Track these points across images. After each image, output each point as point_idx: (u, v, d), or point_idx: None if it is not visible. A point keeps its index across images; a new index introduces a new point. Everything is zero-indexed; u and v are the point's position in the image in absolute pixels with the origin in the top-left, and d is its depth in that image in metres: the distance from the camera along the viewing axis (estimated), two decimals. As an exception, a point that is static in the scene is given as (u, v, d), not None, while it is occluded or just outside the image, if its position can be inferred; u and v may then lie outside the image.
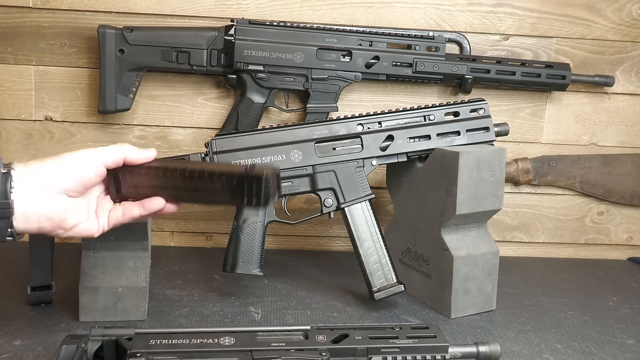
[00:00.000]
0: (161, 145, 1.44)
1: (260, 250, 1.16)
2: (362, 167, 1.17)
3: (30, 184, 0.81)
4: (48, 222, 0.82)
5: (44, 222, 0.82)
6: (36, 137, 1.42)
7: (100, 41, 1.31)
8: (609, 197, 1.52)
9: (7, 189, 0.79)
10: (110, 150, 0.88)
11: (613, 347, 1.05)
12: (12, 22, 1.37)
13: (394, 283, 1.15)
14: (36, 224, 0.82)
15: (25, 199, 0.80)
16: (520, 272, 1.40)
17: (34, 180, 0.81)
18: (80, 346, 0.79)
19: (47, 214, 0.82)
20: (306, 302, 1.18)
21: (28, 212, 0.81)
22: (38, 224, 0.82)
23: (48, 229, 0.83)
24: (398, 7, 1.42)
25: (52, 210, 0.82)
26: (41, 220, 0.82)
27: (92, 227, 0.87)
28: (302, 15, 1.41)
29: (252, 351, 0.79)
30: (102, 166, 0.87)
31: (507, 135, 1.23)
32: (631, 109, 1.50)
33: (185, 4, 1.39)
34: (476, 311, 1.16)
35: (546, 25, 1.45)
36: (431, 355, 0.83)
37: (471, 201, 1.11)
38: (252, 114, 1.35)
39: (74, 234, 0.86)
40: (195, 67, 1.33)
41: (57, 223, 0.83)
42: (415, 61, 1.36)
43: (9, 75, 1.39)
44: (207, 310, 1.13)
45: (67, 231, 0.85)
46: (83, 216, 0.86)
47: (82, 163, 0.85)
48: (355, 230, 1.16)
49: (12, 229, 0.80)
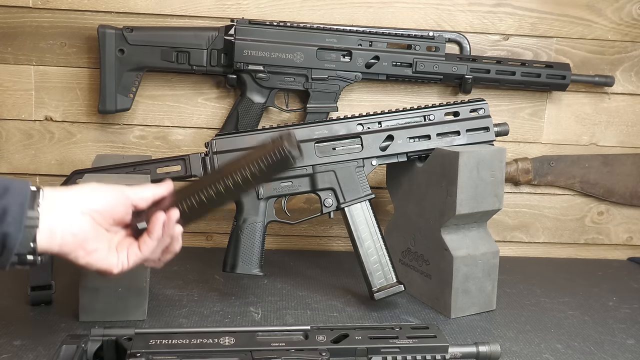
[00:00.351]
0: (161, 145, 1.44)
1: (260, 250, 1.16)
2: (362, 167, 1.17)
3: (58, 202, 0.82)
4: (71, 237, 0.81)
5: (67, 237, 0.81)
6: (36, 137, 1.42)
7: (100, 41, 1.31)
8: (609, 197, 1.52)
9: (35, 202, 0.79)
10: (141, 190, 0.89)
11: (613, 347, 1.05)
12: (12, 22, 1.37)
13: (394, 283, 1.15)
14: (59, 240, 0.81)
15: (51, 213, 0.80)
16: (520, 272, 1.40)
17: (62, 198, 0.82)
18: (80, 346, 0.79)
19: (71, 229, 0.81)
20: (306, 302, 1.18)
21: (53, 227, 0.80)
22: (61, 239, 0.81)
23: (70, 246, 0.82)
24: (398, 7, 1.42)
25: (76, 226, 0.82)
26: (65, 236, 0.81)
27: (111, 260, 0.86)
28: (302, 15, 1.41)
29: (252, 351, 0.79)
30: (129, 200, 0.88)
31: (507, 135, 1.23)
32: (631, 109, 1.50)
33: (185, 4, 1.39)
34: (476, 311, 1.16)
35: (546, 25, 1.45)
36: (431, 355, 0.83)
37: (471, 201, 1.11)
38: (252, 114, 1.35)
39: (94, 262, 0.84)
40: (195, 67, 1.33)
41: (79, 241, 0.82)
42: (415, 61, 1.36)
43: (9, 75, 1.39)
44: (207, 310, 1.13)
45: (87, 255, 0.83)
46: (104, 245, 0.85)
47: (112, 194, 0.87)
48: (355, 230, 1.16)
49: (34, 244, 0.79)
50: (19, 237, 0.77)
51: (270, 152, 0.86)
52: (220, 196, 0.88)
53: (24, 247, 0.78)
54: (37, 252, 0.79)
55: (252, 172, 0.87)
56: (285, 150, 0.85)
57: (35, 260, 0.80)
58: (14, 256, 0.78)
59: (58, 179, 1.36)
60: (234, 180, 0.87)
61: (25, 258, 0.79)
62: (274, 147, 0.86)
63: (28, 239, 0.78)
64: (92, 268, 0.85)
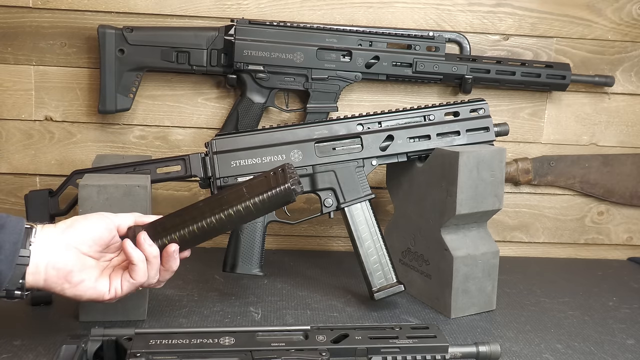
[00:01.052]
0: (161, 145, 1.44)
1: (260, 250, 1.16)
2: (362, 167, 1.17)
3: (44, 238, 0.84)
4: (54, 272, 0.83)
5: (51, 271, 0.83)
6: (36, 137, 1.42)
7: (100, 41, 1.31)
8: (609, 197, 1.52)
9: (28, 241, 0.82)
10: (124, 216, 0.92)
11: (613, 347, 1.05)
12: (12, 22, 1.37)
13: (394, 283, 1.15)
14: (43, 275, 0.83)
15: (37, 250, 0.82)
16: (520, 272, 1.40)
17: (47, 234, 0.84)
18: (80, 346, 0.80)
19: (55, 264, 0.83)
20: (306, 302, 1.18)
21: (38, 263, 0.82)
22: (45, 274, 0.83)
23: (53, 279, 0.83)
24: (398, 7, 1.42)
25: (59, 260, 0.83)
26: (48, 271, 0.83)
27: (101, 288, 0.87)
28: (302, 15, 1.41)
29: (252, 351, 0.79)
30: (112, 223, 0.89)
31: (507, 135, 1.23)
32: (631, 109, 1.50)
33: (185, 4, 1.38)
34: (476, 311, 1.16)
35: (546, 25, 1.45)
36: (431, 355, 0.83)
37: (471, 201, 1.11)
38: (252, 114, 1.35)
39: (81, 293, 0.86)
40: (195, 67, 1.33)
41: (63, 275, 0.84)
42: (415, 61, 1.36)
43: (9, 75, 1.39)
44: (207, 310, 1.13)
45: (73, 287, 0.85)
46: (92, 274, 0.86)
47: (93, 219, 0.89)
48: (355, 230, 1.16)
49: (23, 281, 0.82)
50: (9, 275, 0.80)
51: (273, 187, 0.87)
52: (217, 226, 0.89)
53: (13, 284, 0.81)
54: (24, 288, 0.82)
55: (255, 205, 0.88)
56: (289, 187, 0.86)
57: (22, 296, 0.82)
58: (2, 291, 0.81)
59: (58, 179, 1.36)
60: (234, 211, 0.88)
61: (13, 293, 0.82)
62: (277, 182, 0.87)
63: (18, 277, 0.81)
64: (81, 299, 0.87)
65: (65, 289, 0.85)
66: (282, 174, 0.88)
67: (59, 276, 0.83)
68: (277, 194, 0.87)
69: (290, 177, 0.87)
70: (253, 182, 0.89)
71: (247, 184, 0.89)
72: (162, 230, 0.90)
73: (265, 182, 0.88)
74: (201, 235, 0.90)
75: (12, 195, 1.43)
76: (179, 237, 0.89)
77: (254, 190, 0.88)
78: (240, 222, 0.90)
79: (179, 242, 0.89)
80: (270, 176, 0.88)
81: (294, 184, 0.87)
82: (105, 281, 0.87)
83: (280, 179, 0.87)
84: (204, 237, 0.90)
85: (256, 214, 0.89)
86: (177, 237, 0.89)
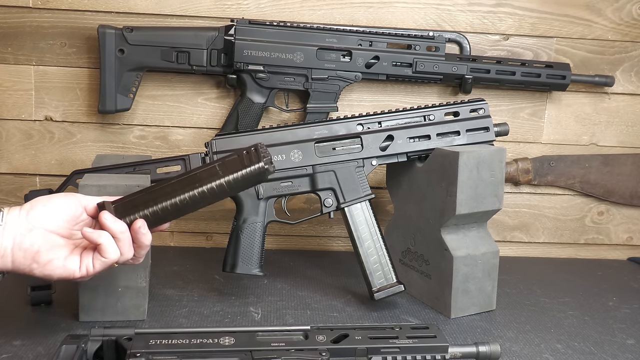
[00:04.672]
0: (161, 145, 1.44)
1: (260, 250, 1.16)
2: (362, 167, 1.17)
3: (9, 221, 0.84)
4: (21, 253, 0.83)
5: (17, 252, 0.83)
6: (36, 137, 1.42)
7: (100, 41, 1.31)
8: (609, 197, 1.52)
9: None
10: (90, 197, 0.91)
11: (613, 347, 1.05)
12: (12, 22, 1.37)
13: (394, 283, 1.15)
14: (10, 257, 0.83)
15: (1, 233, 0.82)
16: (520, 272, 1.40)
17: (13, 217, 0.84)
18: (80, 346, 0.79)
19: (20, 244, 0.83)
20: (306, 302, 1.18)
21: (5, 244, 0.82)
22: (12, 256, 0.83)
23: (20, 261, 0.83)
24: (398, 7, 1.42)
25: (25, 240, 0.83)
26: (15, 252, 0.83)
27: (71, 266, 0.85)
28: (302, 15, 1.41)
29: (252, 351, 0.79)
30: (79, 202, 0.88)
31: (507, 135, 1.23)
32: (631, 109, 1.50)
33: (185, 4, 1.38)
34: (476, 311, 1.16)
35: (546, 25, 1.45)
36: (431, 355, 0.83)
37: (471, 201, 1.11)
38: (252, 114, 1.35)
39: (50, 272, 0.85)
40: (195, 67, 1.33)
41: (30, 256, 0.83)
42: (415, 61, 1.36)
43: (9, 75, 1.39)
44: (207, 310, 1.13)
45: (42, 267, 0.84)
46: (61, 253, 0.85)
47: (59, 196, 0.88)
48: (355, 230, 1.16)
49: None
50: None
51: (246, 166, 0.88)
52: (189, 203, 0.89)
53: None
54: None
55: (228, 183, 0.88)
56: (262, 167, 0.88)
57: None
58: None
59: (58, 179, 1.36)
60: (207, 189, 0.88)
61: None
62: (250, 161, 0.88)
63: None
64: (51, 278, 0.86)
65: (34, 269, 0.84)
66: (255, 153, 0.88)
67: (26, 257, 0.83)
68: (250, 173, 0.88)
69: (264, 156, 0.88)
70: (226, 160, 0.89)
71: (221, 163, 0.89)
72: (132, 207, 0.89)
73: (238, 161, 0.89)
74: (173, 212, 0.90)
75: (12, 195, 1.43)
76: (151, 213, 0.89)
77: (228, 168, 0.88)
78: (213, 200, 0.90)
79: (150, 219, 0.89)
80: (244, 155, 0.89)
81: (267, 163, 0.88)
82: (76, 259, 0.86)
83: (254, 158, 0.88)
84: (176, 214, 0.91)
85: (229, 192, 0.90)
86: (148, 214, 0.89)
